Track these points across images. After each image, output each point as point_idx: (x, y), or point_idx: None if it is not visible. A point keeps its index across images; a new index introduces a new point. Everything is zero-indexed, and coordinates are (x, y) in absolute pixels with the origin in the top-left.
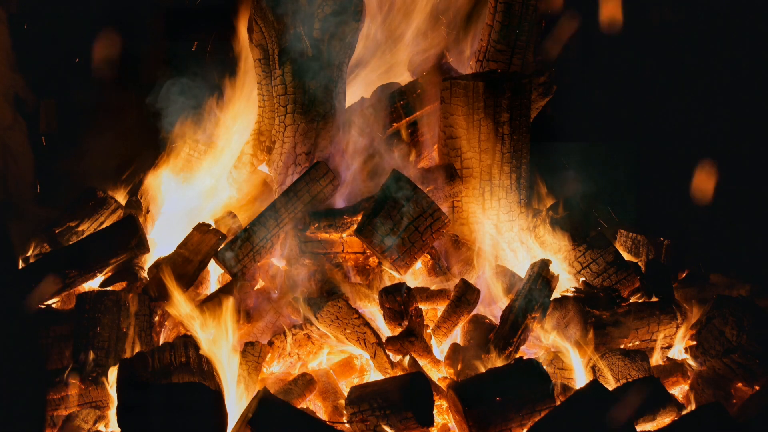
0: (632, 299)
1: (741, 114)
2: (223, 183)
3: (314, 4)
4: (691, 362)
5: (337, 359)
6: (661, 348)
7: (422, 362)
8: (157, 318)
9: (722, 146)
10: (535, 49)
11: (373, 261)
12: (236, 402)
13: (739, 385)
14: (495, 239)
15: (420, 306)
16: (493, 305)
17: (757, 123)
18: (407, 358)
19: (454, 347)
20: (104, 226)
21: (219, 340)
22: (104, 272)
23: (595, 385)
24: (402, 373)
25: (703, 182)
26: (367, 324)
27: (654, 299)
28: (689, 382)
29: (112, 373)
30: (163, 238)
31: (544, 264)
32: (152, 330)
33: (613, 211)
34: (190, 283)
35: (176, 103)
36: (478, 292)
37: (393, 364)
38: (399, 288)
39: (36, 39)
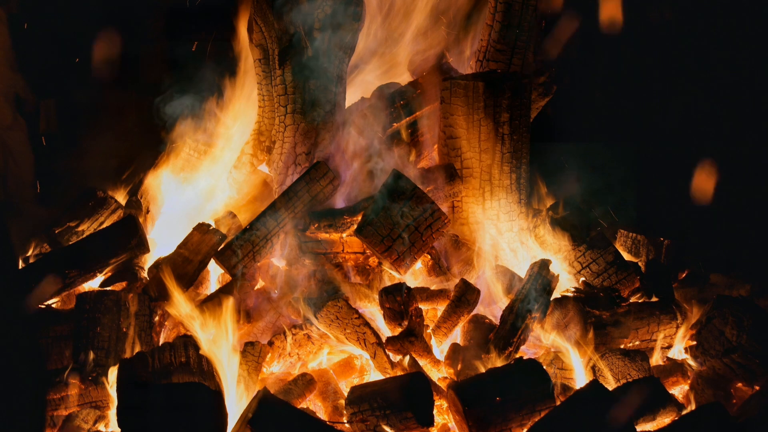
0: (632, 299)
1: (741, 114)
2: (223, 183)
3: (314, 5)
4: (691, 362)
5: (337, 359)
6: (661, 348)
7: (422, 362)
8: (157, 318)
9: (722, 146)
10: (535, 49)
11: (373, 261)
12: (236, 402)
13: (739, 385)
14: (495, 239)
15: (420, 306)
16: (493, 305)
17: (757, 123)
18: (407, 358)
19: (454, 347)
20: (104, 226)
21: (219, 340)
22: (104, 272)
23: (595, 385)
24: (402, 373)
25: (704, 182)
26: (367, 324)
27: (654, 299)
28: (689, 382)
29: (112, 373)
30: (163, 238)
31: (544, 264)
32: (152, 330)
33: (613, 211)
34: (190, 283)
35: (176, 103)
36: (478, 292)
37: (393, 364)
38: (399, 288)
39: (36, 39)
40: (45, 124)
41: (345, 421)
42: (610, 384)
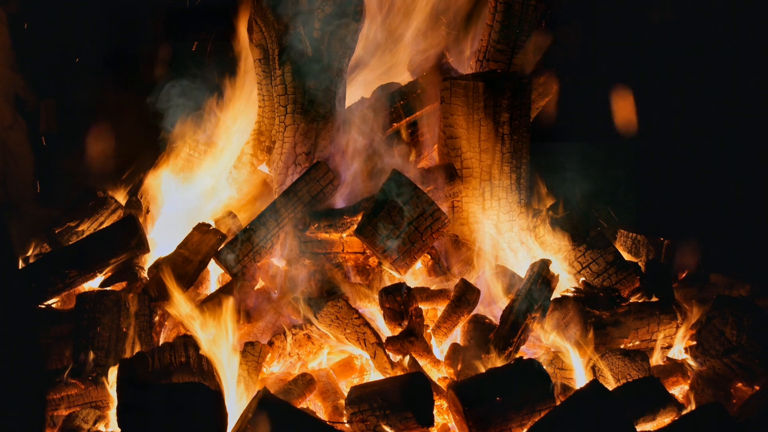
0: (632, 299)
1: (741, 113)
2: (223, 183)
3: (314, 5)
4: (691, 362)
5: (337, 359)
6: (661, 348)
7: (422, 362)
8: (157, 318)
9: (722, 146)
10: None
11: (373, 261)
12: (236, 402)
13: (739, 385)
14: (495, 239)
15: (420, 306)
16: (493, 305)
17: (757, 122)
18: (407, 358)
19: (454, 347)
20: (104, 226)
21: (219, 340)
22: (104, 272)
23: (595, 385)
24: (402, 373)
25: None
26: (367, 324)
27: (654, 299)
28: (689, 382)
29: (112, 373)
30: (163, 238)
31: (544, 264)
32: (152, 330)
33: (613, 211)
34: (190, 283)
35: (176, 103)
36: (478, 292)
37: (393, 364)
38: (399, 288)
39: (36, 39)
40: (45, 124)
41: (345, 421)
42: (610, 384)
